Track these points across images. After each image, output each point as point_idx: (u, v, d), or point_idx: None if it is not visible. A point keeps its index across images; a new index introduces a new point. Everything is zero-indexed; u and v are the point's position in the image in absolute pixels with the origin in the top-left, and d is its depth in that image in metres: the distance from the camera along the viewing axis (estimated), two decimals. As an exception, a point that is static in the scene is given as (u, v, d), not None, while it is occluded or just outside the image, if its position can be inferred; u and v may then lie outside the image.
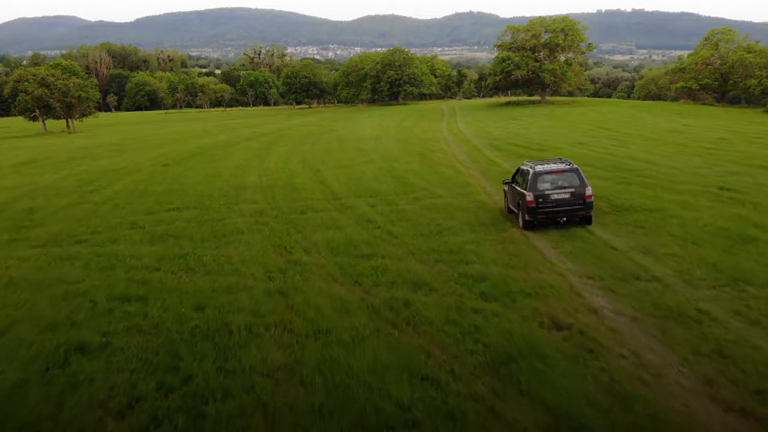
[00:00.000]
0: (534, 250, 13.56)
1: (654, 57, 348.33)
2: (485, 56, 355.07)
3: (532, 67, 78.43)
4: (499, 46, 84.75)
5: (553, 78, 78.88)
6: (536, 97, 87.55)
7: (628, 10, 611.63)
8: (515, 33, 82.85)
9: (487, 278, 11.47)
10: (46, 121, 72.72)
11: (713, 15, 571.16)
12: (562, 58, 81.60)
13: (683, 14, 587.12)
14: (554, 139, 39.06)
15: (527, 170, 16.07)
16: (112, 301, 10.75)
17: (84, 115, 73.59)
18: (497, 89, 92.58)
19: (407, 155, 33.99)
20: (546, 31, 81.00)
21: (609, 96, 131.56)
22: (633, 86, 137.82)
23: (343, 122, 68.72)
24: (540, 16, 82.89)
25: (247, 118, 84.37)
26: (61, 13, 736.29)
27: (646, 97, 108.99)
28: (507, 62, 79.58)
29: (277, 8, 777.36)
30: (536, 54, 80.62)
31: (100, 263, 13.25)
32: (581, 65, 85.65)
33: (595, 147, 33.47)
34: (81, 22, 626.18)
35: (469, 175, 25.78)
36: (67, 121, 73.06)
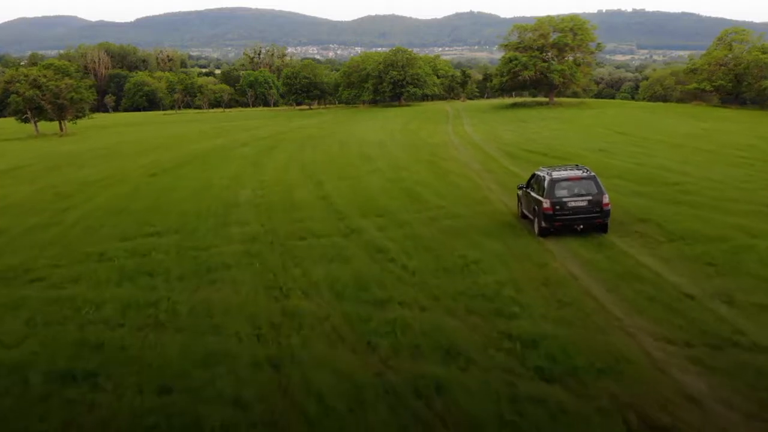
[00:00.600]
0: (587, 295, 11.01)
1: (655, 57, 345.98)
2: (485, 56, 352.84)
3: (540, 68, 75.78)
4: (506, 45, 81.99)
5: (562, 79, 76.21)
6: (543, 99, 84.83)
7: (629, 10, 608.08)
8: (522, 32, 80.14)
9: (539, 342, 8.91)
10: (38, 123, 70.33)
11: (714, 15, 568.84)
12: (570, 59, 78.95)
13: (684, 14, 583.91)
14: (571, 145, 36.54)
15: (543, 176, 15.76)
16: (51, 380, 8.18)
17: (77, 117, 71.13)
18: (504, 90, 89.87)
19: (415, 163, 31.47)
20: (554, 31, 78.33)
21: (612, 96, 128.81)
22: (636, 87, 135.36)
23: (344, 125, 66.20)
24: (548, 15, 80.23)
25: (246, 120, 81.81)
26: (61, 13, 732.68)
27: (651, 98, 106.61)
28: (514, 62, 76.89)
29: (277, 8, 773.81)
30: (544, 54, 77.99)
31: (50, 315, 10.66)
32: (589, 65, 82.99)
33: (619, 155, 30.91)
34: (81, 22, 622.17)
35: (486, 189, 23.23)
36: (60, 124, 70.63)
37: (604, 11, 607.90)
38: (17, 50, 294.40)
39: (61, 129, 70.18)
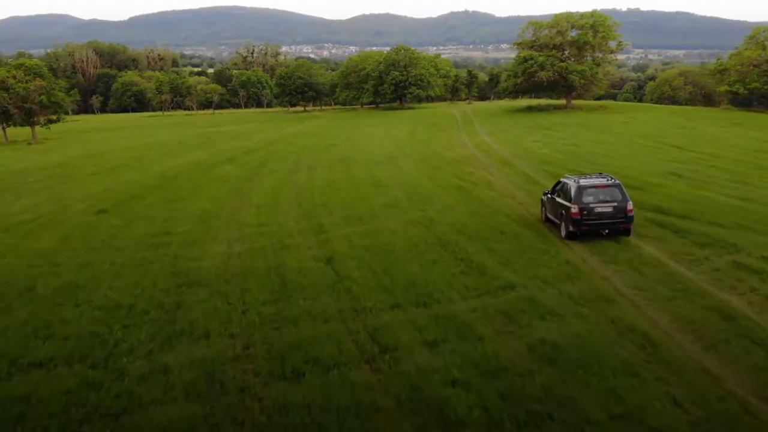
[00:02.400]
0: None
1: (650, 56, 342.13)
2: (480, 56, 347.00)
3: (558, 68, 68.83)
4: (520, 44, 74.92)
5: (582, 80, 69.28)
6: (556, 102, 77.82)
7: (624, 9, 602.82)
8: (537, 29, 73.24)
9: None
10: (12, 129, 63.35)
11: (709, 15, 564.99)
12: (589, 58, 72.07)
13: (679, 14, 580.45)
14: (628, 164, 29.51)
15: (570, 184, 16.46)
16: None
17: (51, 122, 64.07)
18: (518, 92, 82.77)
19: (442, 191, 24.59)
20: (572, 28, 71.54)
21: (614, 97, 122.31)
22: (640, 87, 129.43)
23: (344, 131, 59.16)
24: (566, 11, 73.09)
25: (235, 125, 74.63)
26: (54, 12, 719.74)
27: (659, 100, 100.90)
28: (530, 62, 69.90)
29: (272, 7, 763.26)
30: (562, 53, 71.11)
31: None
32: (610, 65, 76.24)
33: (705, 183, 24.00)
34: (75, 21, 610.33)
35: (564, 246, 16.30)
36: (32, 129, 63.65)
37: (599, 10, 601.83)
38: (11, 49, 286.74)
39: (33, 136, 63.17)
